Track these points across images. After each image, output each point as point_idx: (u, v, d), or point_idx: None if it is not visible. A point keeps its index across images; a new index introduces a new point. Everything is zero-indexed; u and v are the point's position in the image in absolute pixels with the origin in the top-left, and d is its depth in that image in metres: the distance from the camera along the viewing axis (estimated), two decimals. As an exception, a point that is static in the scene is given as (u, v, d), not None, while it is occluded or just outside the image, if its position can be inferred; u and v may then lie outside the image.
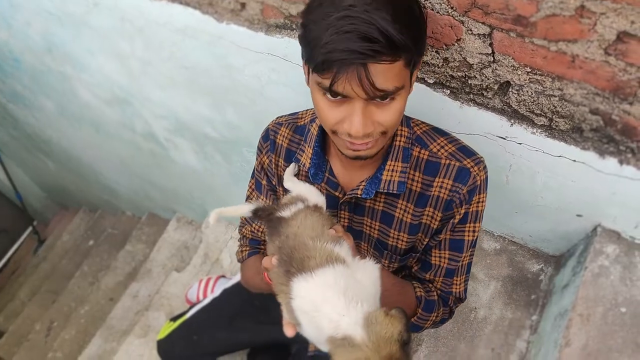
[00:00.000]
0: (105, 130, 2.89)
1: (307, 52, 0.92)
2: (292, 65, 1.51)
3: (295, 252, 0.90)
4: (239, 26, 1.52)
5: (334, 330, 0.81)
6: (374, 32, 0.83)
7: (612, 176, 1.19)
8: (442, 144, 1.14)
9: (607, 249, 1.32)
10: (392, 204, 1.18)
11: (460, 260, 1.21)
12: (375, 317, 0.80)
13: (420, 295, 1.23)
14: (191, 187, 2.97)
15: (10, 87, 3.07)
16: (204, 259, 2.98)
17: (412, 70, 0.95)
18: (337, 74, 0.86)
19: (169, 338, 1.91)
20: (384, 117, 0.95)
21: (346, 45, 0.83)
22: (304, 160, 1.20)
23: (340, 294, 0.82)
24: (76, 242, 4.63)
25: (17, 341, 4.02)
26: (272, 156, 1.29)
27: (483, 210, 1.16)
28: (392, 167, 1.13)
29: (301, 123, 1.26)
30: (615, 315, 1.24)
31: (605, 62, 1.00)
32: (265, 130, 1.32)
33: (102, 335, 3.19)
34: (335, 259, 0.89)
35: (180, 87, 2.00)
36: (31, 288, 4.64)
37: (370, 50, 0.83)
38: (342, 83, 0.87)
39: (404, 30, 0.85)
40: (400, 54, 0.87)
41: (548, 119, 1.18)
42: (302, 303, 0.86)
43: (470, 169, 1.10)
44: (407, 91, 0.97)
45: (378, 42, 0.83)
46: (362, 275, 0.90)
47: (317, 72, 0.90)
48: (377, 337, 0.78)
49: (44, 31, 2.22)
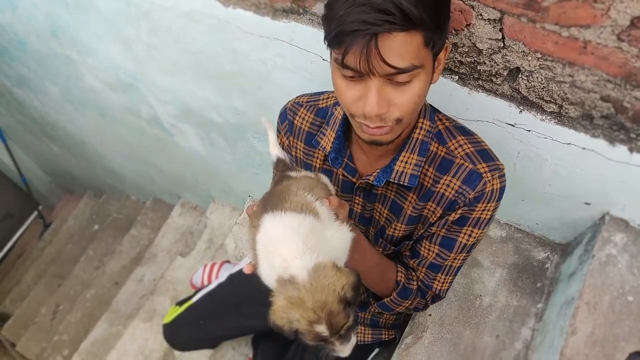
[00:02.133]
0: (111, 115, 2.88)
1: (325, 29, 0.90)
2: (298, 50, 1.50)
3: (279, 195, 0.93)
4: (245, 10, 1.51)
5: (283, 270, 0.82)
6: (389, 4, 0.80)
7: (622, 164, 1.18)
8: (461, 142, 1.10)
9: (615, 237, 1.32)
10: (402, 196, 1.17)
11: (447, 259, 1.19)
12: (324, 266, 0.82)
13: (399, 280, 1.24)
14: (196, 172, 2.97)
15: (16, 70, 3.06)
16: (209, 244, 2.99)
17: (434, 52, 0.92)
18: (348, 46, 0.84)
19: (175, 322, 1.92)
20: (400, 99, 0.92)
21: (358, 16, 0.81)
22: (324, 143, 1.18)
23: (300, 239, 0.83)
24: (81, 226, 4.65)
25: (23, 324, 4.06)
26: (291, 138, 1.27)
27: (489, 219, 1.12)
28: (406, 159, 1.11)
29: (323, 105, 1.23)
30: (622, 304, 1.24)
31: (617, 48, 0.99)
32: (282, 109, 1.29)
33: (108, 319, 3.22)
34: (310, 210, 0.90)
35: (186, 72, 1.99)
36: (37, 272, 4.67)
37: (381, 20, 0.81)
38: (353, 55, 0.85)
39: (420, 5, 0.82)
40: (416, 28, 0.84)
41: (558, 106, 1.17)
42: (264, 237, 0.88)
43: (484, 174, 1.07)
44: (427, 75, 0.93)
45: (391, 14, 0.81)
46: (332, 236, 0.91)
47: (331, 46, 0.89)
48: (318, 283, 0.80)
49: (50, 14, 2.21)
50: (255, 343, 2.05)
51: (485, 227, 1.14)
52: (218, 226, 3.04)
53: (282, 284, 0.83)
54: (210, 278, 2.33)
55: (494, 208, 1.11)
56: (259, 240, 0.89)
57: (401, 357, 1.53)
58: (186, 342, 1.98)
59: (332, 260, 0.84)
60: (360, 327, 1.60)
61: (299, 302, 0.80)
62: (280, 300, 0.82)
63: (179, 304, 1.98)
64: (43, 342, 3.71)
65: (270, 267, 0.85)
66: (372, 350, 1.72)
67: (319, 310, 0.80)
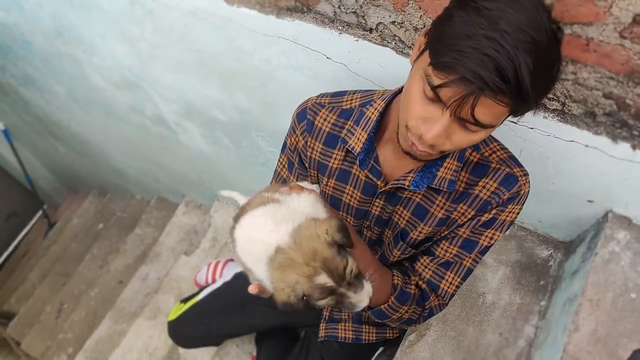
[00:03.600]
0: (115, 114, 2.89)
1: (438, 42, 0.85)
2: (302, 49, 1.50)
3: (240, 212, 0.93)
4: (249, 9, 1.51)
5: (267, 249, 0.82)
6: (511, 71, 0.77)
7: (625, 161, 1.18)
8: (494, 149, 1.13)
9: (618, 235, 1.32)
10: (431, 199, 1.16)
11: (464, 259, 1.19)
12: (303, 225, 0.82)
13: (396, 284, 1.21)
14: (200, 170, 2.98)
15: (22, 70, 3.08)
16: (213, 242, 3.00)
17: (511, 116, 0.91)
18: (451, 83, 0.81)
19: (179, 319, 1.93)
20: (459, 138, 0.91)
21: (478, 68, 0.77)
22: (353, 143, 1.16)
23: (269, 218, 0.84)
24: (86, 225, 4.67)
25: (28, 322, 4.08)
26: (308, 138, 1.24)
27: (511, 222, 1.15)
28: (449, 165, 1.11)
29: (347, 106, 1.21)
30: (625, 301, 1.24)
31: (620, 46, 0.99)
32: (302, 108, 1.26)
33: (112, 317, 3.23)
34: (268, 201, 0.90)
35: (190, 71, 1.99)
36: (42, 270, 4.69)
37: (496, 86, 0.78)
38: (449, 91, 0.82)
39: (536, 84, 0.79)
40: (517, 100, 0.82)
41: (561, 104, 1.17)
42: (241, 243, 0.88)
43: (519, 177, 1.10)
44: (493, 129, 0.92)
45: (508, 82, 0.77)
46: (297, 204, 0.91)
47: (434, 66, 0.84)
48: (301, 238, 0.80)
49: (55, 13, 2.22)
50: (259, 341, 2.06)
51: (506, 229, 1.16)
52: (222, 224, 3.05)
53: (272, 260, 0.82)
54: (215, 276, 2.34)
55: (518, 211, 1.14)
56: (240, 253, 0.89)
57: (405, 355, 1.53)
58: (190, 340, 1.99)
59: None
60: (365, 326, 1.60)
61: (290, 263, 0.79)
62: (274, 273, 0.81)
63: (183, 302, 1.99)
64: (48, 341, 3.73)
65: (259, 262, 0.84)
66: (377, 349, 1.72)
67: (312, 261, 0.79)
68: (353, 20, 1.33)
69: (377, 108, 1.14)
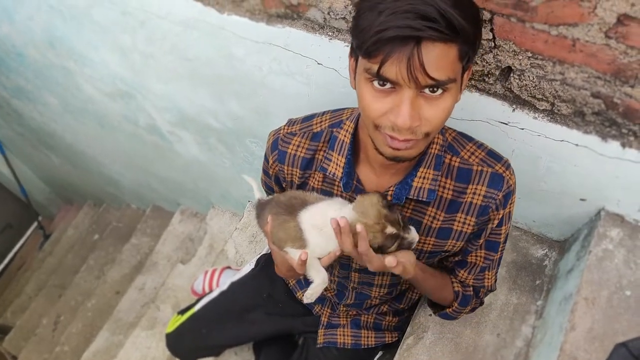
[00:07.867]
0: (109, 124, 2.89)
1: (359, 39, 0.87)
2: (293, 55, 1.51)
3: (293, 200, 1.17)
4: (240, 17, 1.52)
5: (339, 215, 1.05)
6: (433, 12, 0.79)
7: (615, 159, 1.19)
8: (472, 150, 1.14)
9: (611, 232, 1.33)
10: (420, 211, 1.18)
11: (493, 258, 1.25)
12: (358, 200, 1.07)
13: (457, 290, 1.31)
14: (195, 178, 2.98)
15: (14, 82, 3.07)
16: (209, 250, 2.99)
17: (464, 66, 0.91)
18: (388, 54, 0.83)
19: (177, 331, 1.92)
20: (432, 113, 0.90)
21: (403, 22, 0.80)
22: (332, 169, 1.17)
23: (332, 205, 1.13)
24: (81, 236, 4.65)
25: (24, 336, 4.06)
26: (282, 166, 1.26)
27: (512, 210, 1.19)
28: (423, 174, 1.12)
29: (317, 129, 1.22)
30: (620, 299, 1.25)
31: (605, 45, 1.00)
32: (274, 138, 1.27)
33: (109, 329, 3.21)
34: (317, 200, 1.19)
35: (183, 79, 2.00)
36: (37, 283, 4.67)
37: (426, 27, 0.79)
38: (392, 64, 0.83)
39: (462, 16, 0.81)
40: (457, 39, 0.83)
41: (550, 104, 1.18)
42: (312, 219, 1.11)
43: (503, 174, 1.11)
44: (456, 91, 0.92)
45: (436, 21, 0.79)
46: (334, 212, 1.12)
47: (367, 56, 0.86)
48: (364, 208, 1.05)
49: (46, 25, 2.22)
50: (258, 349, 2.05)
51: (511, 218, 1.21)
52: (218, 232, 3.05)
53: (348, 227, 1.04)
54: (211, 284, 2.33)
55: (515, 199, 1.17)
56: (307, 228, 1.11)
57: (403, 358, 1.53)
58: (189, 351, 1.97)
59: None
60: (364, 331, 1.61)
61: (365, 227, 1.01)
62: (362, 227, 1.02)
63: (180, 313, 1.98)
64: (45, 354, 3.70)
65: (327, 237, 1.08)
66: (376, 354, 1.72)
67: (380, 220, 1.03)
68: (343, 26, 1.34)
69: (348, 130, 1.16)
